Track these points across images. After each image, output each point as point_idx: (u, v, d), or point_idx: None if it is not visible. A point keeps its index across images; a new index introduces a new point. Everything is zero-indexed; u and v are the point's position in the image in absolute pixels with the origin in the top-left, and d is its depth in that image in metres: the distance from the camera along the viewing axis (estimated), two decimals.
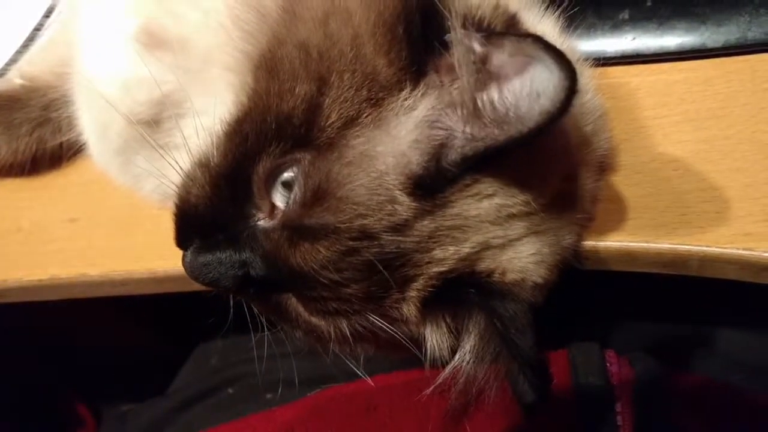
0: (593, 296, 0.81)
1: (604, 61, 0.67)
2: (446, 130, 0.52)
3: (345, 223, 0.52)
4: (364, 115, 0.53)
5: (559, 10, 0.64)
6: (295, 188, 0.54)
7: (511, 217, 0.55)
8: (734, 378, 0.81)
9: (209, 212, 0.57)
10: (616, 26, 0.69)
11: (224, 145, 0.57)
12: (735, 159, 0.63)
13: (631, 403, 0.71)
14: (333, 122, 0.53)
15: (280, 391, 0.76)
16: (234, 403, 0.90)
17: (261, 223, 0.56)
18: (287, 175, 0.55)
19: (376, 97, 0.53)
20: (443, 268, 0.55)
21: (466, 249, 0.55)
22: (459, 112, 0.51)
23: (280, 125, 0.54)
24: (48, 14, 0.89)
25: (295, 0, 0.56)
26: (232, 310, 0.62)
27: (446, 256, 0.55)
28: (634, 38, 0.69)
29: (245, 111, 0.56)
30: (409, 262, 0.55)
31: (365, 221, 0.52)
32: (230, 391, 0.93)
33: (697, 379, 0.82)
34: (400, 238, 0.53)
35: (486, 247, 0.56)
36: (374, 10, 0.53)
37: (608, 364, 0.75)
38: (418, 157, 0.52)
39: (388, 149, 0.53)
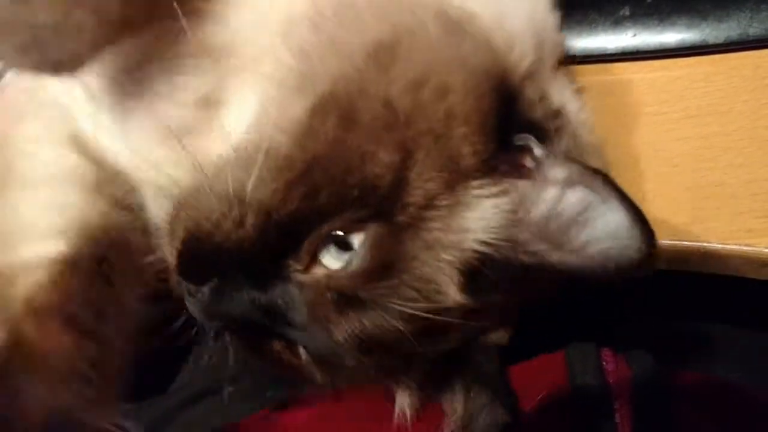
0: (593, 295, 0.81)
1: (605, 57, 0.68)
2: (509, 232, 0.52)
3: (401, 306, 0.51)
4: (442, 198, 0.51)
5: (561, 5, 0.64)
6: (359, 257, 0.51)
7: None
8: (733, 375, 0.81)
9: (240, 253, 0.52)
10: (617, 22, 0.69)
11: (282, 189, 0.51)
12: (736, 155, 0.63)
13: (630, 401, 0.71)
14: (416, 201, 0.51)
15: (281, 388, 0.76)
16: (235, 402, 0.90)
17: (296, 275, 0.53)
18: (351, 239, 0.52)
19: (453, 183, 0.51)
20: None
21: None
22: (525, 221, 0.52)
23: (364, 192, 0.50)
24: None
25: (386, 51, 0.53)
26: None
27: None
28: (634, 35, 0.69)
29: (313, 156, 0.51)
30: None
31: (416, 305, 0.51)
32: (231, 389, 0.93)
33: (696, 377, 0.82)
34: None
35: None
36: (473, 95, 0.52)
37: (604, 363, 0.75)
38: (479, 256, 0.52)
39: (455, 240, 0.52)
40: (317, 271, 0.52)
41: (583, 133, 0.59)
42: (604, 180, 0.49)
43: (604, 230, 0.48)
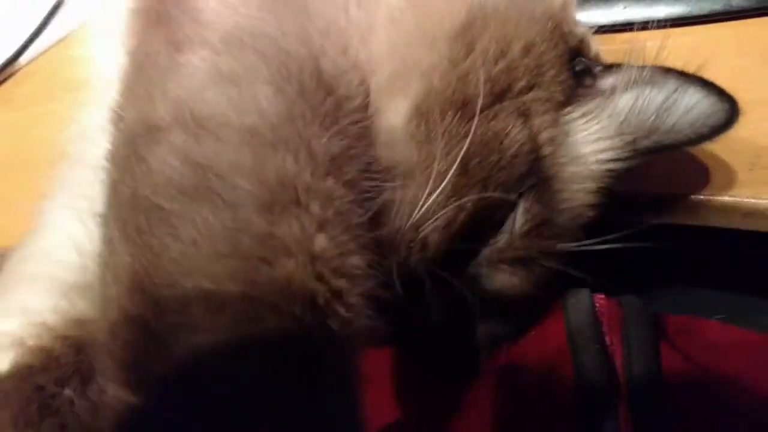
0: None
1: (597, 30, 0.71)
2: (611, 141, 0.58)
3: (564, 248, 0.56)
4: (557, 138, 0.56)
5: None
6: (522, 224, 0.55)
7: None
8: (718, 317, 0.87)
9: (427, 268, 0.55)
10: None
11: (452, 211, 0.52)
12: None
13: (620, 334, 0.77)
14: (548, 152, 0.55)
15: None
16: None
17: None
18: (514, 212, 0.55)
19: (557, 120, 0.56)
20: None
21: None
22: (618, 129, 0.58)
23: (522, 168, 0.54)
24: (54, 11, 0.91)
25: (466, 33, 0.56)
26: None
27: None
28: (625, 7, 0.74)
29: (460, 160, 0.52)
30: None
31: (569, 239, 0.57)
32: None
33: (682, 319, 0.87)
34: None
35: None
36: (552, 42, 0.58)
37: (597, 305, 0.80)
38: (603, 173, 0.58)
39: (579, 169, 0.57)
40: (485, 251, 0.56)
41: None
42: (658, 69, 0.56)
43: (687, 107, 0.55)
